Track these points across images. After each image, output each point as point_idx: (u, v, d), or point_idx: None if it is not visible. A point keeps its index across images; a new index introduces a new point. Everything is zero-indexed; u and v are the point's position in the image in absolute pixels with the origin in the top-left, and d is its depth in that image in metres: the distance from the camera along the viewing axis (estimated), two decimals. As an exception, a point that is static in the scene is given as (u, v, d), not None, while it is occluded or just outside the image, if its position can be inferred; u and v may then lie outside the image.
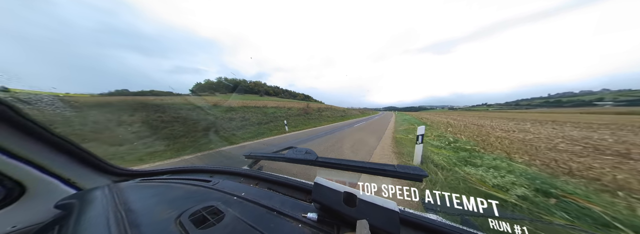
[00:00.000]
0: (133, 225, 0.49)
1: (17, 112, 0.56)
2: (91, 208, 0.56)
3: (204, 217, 0.54)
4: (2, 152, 0.56)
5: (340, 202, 0.49)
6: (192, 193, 0.69)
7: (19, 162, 0.59)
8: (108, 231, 0.46)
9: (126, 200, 0.61)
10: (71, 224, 0.50)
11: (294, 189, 0.75)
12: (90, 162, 0.76)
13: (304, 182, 0.77)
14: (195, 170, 0.96)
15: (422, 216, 0.55)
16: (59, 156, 0.67)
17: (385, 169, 0.59)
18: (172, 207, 0.57)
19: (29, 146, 0.60)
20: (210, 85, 60.00)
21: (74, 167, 0.71)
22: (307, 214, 0.55)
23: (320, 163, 0.71)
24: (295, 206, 0.62)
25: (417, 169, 0.58)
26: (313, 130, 9.51)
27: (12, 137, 0.57)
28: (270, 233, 0.49)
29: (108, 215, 0.52)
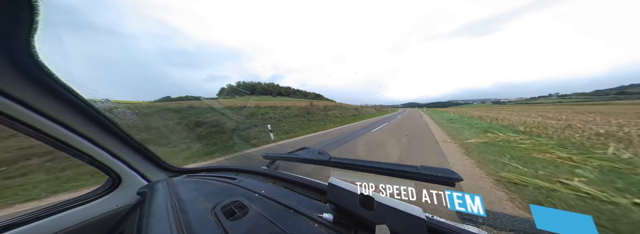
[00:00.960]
0: (183, 212, 0.63)
1: (112, 122, 0.76)
2: (156, 196, 0.75)
3: (232, 210, 0.62)
4: (108, 153, 0.78)
5: (356, 204, 0.48)
6: (222, 189, 0.81)
7: (117, 160, 0.82)
8: (167, 215, 0.61)
9: (177, 191, 0.79)
10: (146, 207, 0.69)
11: (308, 189, 0.76)
12: (154, 161, 0.99)
13: (318, 182, 0.79)
14: (224, 169, 1.12)
15: (457, 227, 0.48)
16: (137, 156, 0.91)
17: (406, 170, 0.53)
18: (208, 199, 0.70)
19: (121, 148, 0.83)
20: (231, 89, 65.15)
21: (145, 165, 0.95)
22: (323, 214, 0.55)
23: (333, 164, 0.69)
24: (310, 205, 0.64)
25: (447, 172, 0.50)
26: (311, 137, 6.86)
27: (113, 141, 0.80)
28: (288, 229, 0.51)
29: (167, 202, 0.69)
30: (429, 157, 3.64)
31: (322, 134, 7.65)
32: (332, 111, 17.44)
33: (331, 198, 0.54)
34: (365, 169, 0.61)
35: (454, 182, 0.47)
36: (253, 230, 0.54)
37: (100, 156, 0.76)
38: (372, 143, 5.10)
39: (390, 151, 4.10)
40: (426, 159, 3.54)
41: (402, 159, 3.57)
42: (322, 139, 6.23)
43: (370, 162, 0.61)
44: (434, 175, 0.49)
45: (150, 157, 0.96)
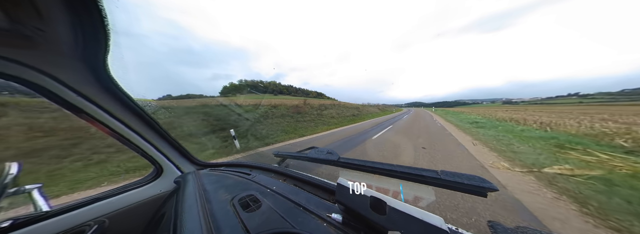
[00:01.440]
0: (208, 201, 0.73)
1: (155, 121, 0.91)
2: (188, 185, 0.88)
3: (247, 203, 0.67)
4: (153, 147, 0.96)
5: (366, 207, 0.46)
6: (239, 183, 0.90)
7: (160, 153, 0.99)
8: (196, 202, 0.71)
9: (203, 183, 0.91)
10: (180, 194, 0.82)
11: (317, 188, 0.77)
12: (185, 155, 1.15)
13: (326, 182, 0.79)
14: (240, 164, 1.22)
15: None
16: (173, 151, 1.08)
17: (424, 175, 0.48)
18: (227, 191, 0.79)
19: (162, 143, 1.01)
20: (234, 87, 65.36)
21: (179, 158, 1.11)
22: (332, 214, 0.54)
23: (342, 164, 0.68)
24: (319, 204, 0.64)
25: (476, 179, 0.43)
26: (293, 144, 5.51)
27: (156, 137, 0.97)
28: (298, 226, 0.52)
29: (195, 192, 0.80)
30: (511, 216, 1.58)
31: (308, 141, 5.95)
32: (328, 110, 15.39)
33: (340, 199, 0.53)
34: (376, 171, 0.58)
35: (486, 192, 0.41)
36: (266, 223, 0.57)
37: (149, 150, 0.94)
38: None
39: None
40: (505, 217, 1.54)
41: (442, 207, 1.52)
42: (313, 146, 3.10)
43: (381, 164, 0.58)
44: (459, 182, 0.44)
45: (182, 151, 1.13)
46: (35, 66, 0.56)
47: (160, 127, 0.96)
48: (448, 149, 4.38)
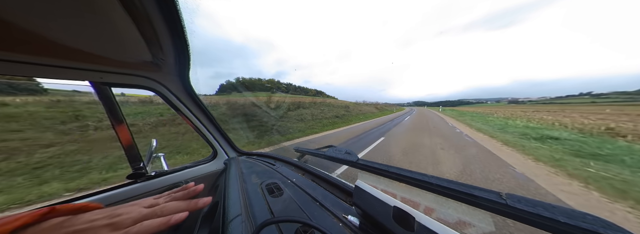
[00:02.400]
0: (244, 181, 0.90)
1: (211, 114, 1.21)
2: (232, 167, 1.14)
3: (272, 189, 0.76)
4: (211, 135, 1.27)
5: (388, 217, 0.43)
6: (266, 171, 1.06)
7: (215, 140, 1.32)
8: (237, 181, 0.90)
9: (241, 167, 1.14)
10: (227, 173, 1.07)
11: (334, 187, 0.78)
12: (230, 143, 1.46)
13: (344, 182, 0.80)
14: (267, 155, 1.41)
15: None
16: (222, 139, 1.39)
17: (477, 195, 0.36)
18: (257, 176, 0.95)
19: (216, 132, 1.32)
20: (230, 85, 64.26)
21: (226, 145, 1.42)
22: (348, 216, 0.54)
23: (361, 166, 0.65)
24: (335, 203, 0.65)
25: (591, 220, 0.26)
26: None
27: (213, 127, 1.28)
28: (314, 219, 0.52)
29: (236, 173, 1.03)
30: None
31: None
32: (303, 109, 11.56)
33: (358, 202, 0.52)
34: (402, 179, 0.51)
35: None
36: (286, 211, 0.62)
37: (209, 138, 1.28)
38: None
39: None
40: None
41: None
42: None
43: (410, 172, 0.51)
44: (551, 219, 0.27)
45: (228, 140, 1.42)
46: (159, 80, 0.93)
47: (215, 120, 1.27)
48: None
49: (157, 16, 0.49)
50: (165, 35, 0.58)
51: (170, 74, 0.91)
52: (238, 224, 0.55)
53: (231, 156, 1.39)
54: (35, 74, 0.62)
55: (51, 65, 0.63)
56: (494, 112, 23.87)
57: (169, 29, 0.55)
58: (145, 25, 0.51)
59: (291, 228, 0.52)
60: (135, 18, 0.47)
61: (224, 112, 9.21)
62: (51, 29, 0.46)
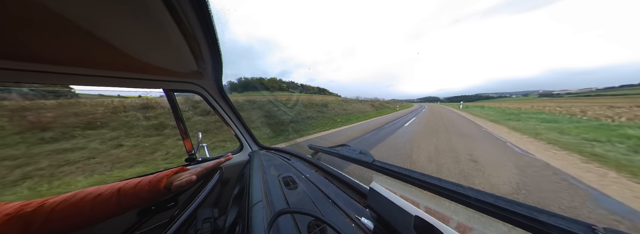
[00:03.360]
0: (265, 172, 1.01)
1: (238, 111, 1.42)
2: (255, 159, 1.30)
3: (288, 182, 0.82)
4: (239, 130, 1.48)
5: (409, 227, 0.39)
6: (282, 164, 1.17)
7: (241, 135, 1.52)
8: (259, 172, 1.01)
9: (261, 159, 1.28)
10: (251, 163, 1.23)
11: (346, 186, 0.78)
12: (253, 138, 1.64)
13: (357, 182, 0.78)
14: (283, 150, 1.51)
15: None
16: (247, 134, 1.59)
17: (554, 226, 0.28)
18: (275, 169, 1.06)
19: (242, 128, 1.52)
20: (232, 85, 66.23)
21: (249, 140, 1.62)
22: (362, 218, 0.52)
23: (377, 168, 0.62)
24: (348, 203, 0.64)
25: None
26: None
27: (239, 124, 1.48)
28: (326, 215, 0.52)
29: (258, 165, 1.15)
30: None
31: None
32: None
33: (373, 205, 0.50)
34: (427, 187, 0.45)
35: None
36: (300, 203, 0.64)
37: (237, 132, 1.50)
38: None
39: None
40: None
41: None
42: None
43: (439, 180, 0.45)
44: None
45: (251, 135, 1.61)
46: (202, 85, 1.15)
47: (241, 117, 1.46)
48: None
49: (201, 34, 0.62)
50: (205, 48, 0.72)
51: (209, 80, 1.12)
52: (260, 209, 0.61)
53: (253, 150, 1.58)
54: (136, 86, 0.90)
55: (141, 79, 0.89)
56: (534, 107, 20.07)
57: (208, 44, 0.69)
58: (193, 43, 0.66)
59: (304, 220, 0.55)
60: (187, 39, 0.62)
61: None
62: (139, 53, 0.67)
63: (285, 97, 16.90)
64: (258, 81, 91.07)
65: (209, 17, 0.54)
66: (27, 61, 0.60)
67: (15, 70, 0.60)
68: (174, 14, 0.48)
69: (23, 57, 0.58)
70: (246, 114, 9.26)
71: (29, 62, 0.60)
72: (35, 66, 0.62)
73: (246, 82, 59.87)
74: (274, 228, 0.51)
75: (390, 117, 13.80)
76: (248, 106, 9.84)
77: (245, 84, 48.21)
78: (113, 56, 0.65)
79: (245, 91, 21.71)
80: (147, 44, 0.62)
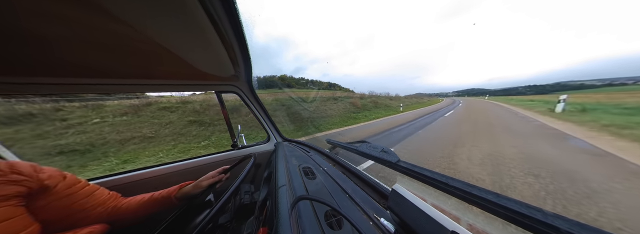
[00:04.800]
0: (287, 161, 1.14)
1: (264, 106, 1.63)
2: (279, 149, 1.46)
3: (307, 172, 0.88)
4: (265, 123, 1.70)
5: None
6: (302, 156, 1.29)
7: (268, 127, 1.74)
8: (283, 160, 1.13)
9: (285, 150, 1.44)
10: (276, 153, 1.39)
11: (364, 183, 0.77)
12: (277, 130, 1.83)
13: (376, 181, 0.77)
14: (302, 143, 1.64)
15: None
16: (273, 127, 1.79)
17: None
18: (296, 159, 1.17)
19: (269, 122, 1.73)
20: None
21: (275, 132, 1.82)
22: (381, 219, 0.51)
23: (402, 169, 0.55)
24: (366, 200, 0.63)
25: None
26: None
27: (266, 117, 1.69)
28: (343, 210, 0.48)
29: (283, 154, 1.30)
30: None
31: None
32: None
33: (395, 209, 0.47)
34: (470, 199, 0.37)
35: None
36: (318, 193, 0.67)
37: (265, 125, 1.71)
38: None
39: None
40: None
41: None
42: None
43: (486, 193, 0.36)
44: None
45: (276, 127, 1.81)
46: (238, 86, 1.36)
47: (268, 112, 1.66)
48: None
49: (235, 43, 0.74)
50: (239, 54, 0.85)
51: (242, 81, 1.32)
52: (284, 191, 0.68)
53: (278, 141, 1.78)
54: (197, 89, 1.24)
55: (201, 84, 1.21)
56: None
57: (240, 50, 0.81)
58: (231, 52, 0.80)
59: (322, 208, 0.57)
60: (226, 49, 0.75)
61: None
62: (200, 65, 0.89)
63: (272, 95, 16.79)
64: (269, 79, 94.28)
65: (240, 26, 0.63)
66: (123, 78, 0.91)
67: (116, 85, 0.94)
68: (217, 29, 0.58)
69: (122, 75, 0.89)
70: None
71: (124, 78, 0.92)
72: (131, 81, 0.96)
73: (259, 81, 64.00)
74: (296, 209, 0.57)
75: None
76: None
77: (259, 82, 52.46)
78: (183, 69, 0.89)
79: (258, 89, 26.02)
80: (203, 58, 0.81)
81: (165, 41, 0.58)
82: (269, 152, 1.67)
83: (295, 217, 0.53)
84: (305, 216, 0.55)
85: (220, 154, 1.50)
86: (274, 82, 63.97)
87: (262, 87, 35.09)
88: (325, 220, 0.54)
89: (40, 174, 0.56)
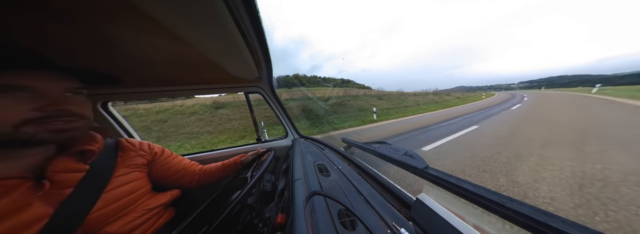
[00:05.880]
0: (303, 157, 1.20)
1: (283, 105, 1.75)
2: (296, 145, 1.55)
3: (321, 168, 0.89)
4: (284, 120, 1.82)
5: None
6: (317, 153, 1.33)
7: (286, 124, 1.87)
8: (300, 156, 1.20)
9: (301, 146, 1.51)
10: (294, 149, 1.48)
11: (382, 187, 0.72)
12: (294, 127, 1.95)
13: (398, 188, 0.71)
14: (317, 140, 1.69)
15: None
16: (291, 124, 1.90)
17: None
18: (312, 156, 1.22)
19: (287, 120, 1.86)
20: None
21: (292, 129, 1.93)
22: (401, 229, 0.46)
23: (431, 177, 0.49)
24: (383, 206, 0.60)
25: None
26: None
27: (284, 115, 1.82)
28: (357, 211, 0.46)
29: (299, 150, 1.38)
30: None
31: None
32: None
33: (418, 220, 0.44)
34: (524, 223, 0.30)
35: None
36: (332, 191, 0.67)
37: (283, 122, 1.85)
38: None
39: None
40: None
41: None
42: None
43: (552, 219, 0.28)
44: None
45: (293, 125, 1.92)
46: (261, 87, 1.50)
47: (286, 110, 1.77)
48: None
49: (258, 47, 0.81)
50: (261, 58, 0.94)
51: (265, 82, 1.45)
52: (300, 184, 0.71)
53: (295, 137, 1.89)
54: (232, 91, 1.51)
55: (235, 87, 1.44)
56: None
57: (263, 54, 0.90)
58: (255, 56, 0.89)
59: (336, 206, 0.57)
60: (252, 54, 0.84)
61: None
62: (233, 70, 1.02)
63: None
64: (283, 79, 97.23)
65: (263, 32, 0.69)
66: (182, 85, 1.24)
67: (179, 90, 1.27)
68: (244, 37, 0.65)
69: (182, 82, 1.20)
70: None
71: (183, 85, 1.25)
72: (188, 87, 1.29)
73: (278, 81, 69.60)
74: (310, 202, 0.57)
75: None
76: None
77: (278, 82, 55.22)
78: (220, 75, 1.09)
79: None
80: (234, 64, 0.94)
81: (208, 53, 0.70)
82: (286, 147, 1.78)
83: (309, 209, 0.55)
84: (319, 210, 0.57)
85: (247, 146, 1.73)
86: (288, 82, 65.53)
87: (279, 87, 41.34)
88: (339, 219, 0.53)
89: (152, 150, 0.85)
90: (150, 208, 0.69)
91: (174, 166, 0.92)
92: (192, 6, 0.37)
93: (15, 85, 0.43)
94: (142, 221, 0.65)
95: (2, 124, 0.41)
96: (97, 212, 0.55)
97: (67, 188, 0.52)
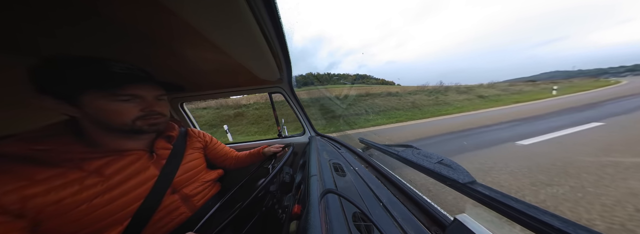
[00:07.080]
0: (319, 154, 1.21)
1: (301, 103, 1.82)
2: (312, 143, 1.59)
3: (336, 168, 0.87)
4: (301, 118, 1.90)
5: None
6: (333, 151, 1.31)
7: (303, 122, 1.95)
8: (316, 154, 1.22)
9: (317, 144, 1.53)
10: (310, 145, 1.52)
11: (406, 197, 0.64)
12: (311, 125, 2.00)
13: (427, 200, 0.60)
14: (333, 139, 1.69)
15: None
16: (308, 122, 1.97)
17: None
18: (327, 154, 1.23)
19: (304, 118, 1.93)
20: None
21: (309, 126, 1.99)
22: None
23: (476, 195, 0.42)
24: (406, 217, 0.53)
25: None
26: None
27: (302, 113, 1.90)
28: (375, 218, 0.43)
29: (315, 148, 1.40)
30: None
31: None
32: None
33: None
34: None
35: None
36: (347, 191, 0.64)
37: (301, 120, 1.93)
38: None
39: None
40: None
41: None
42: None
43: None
44: None
45: (310, 123, 1.98)
46: (282, 87, 1.63)
47: (304, 108, 1.84)
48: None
49: (279, 50, 0.87)
50: (282, 60, 1.00)
51: (285, 82, 1.56)
52: (315, 180, 0.71)
53: (312, 135, 1.95)
54: (259, 92, 1.68)
55: (262, 88, 1.60)
56: None
57: (283, 56, 0.95)
58: (277, 59, 0.96)
59: (351, 208, 0.53)
60: (274, 57, 0.91)
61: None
62: (258, 73, 1.15)
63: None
64: (302, 79, 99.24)
65: (283, 35, 0.73)
66: (222, 87, 1.55)
67: (221, 92, 1.58)
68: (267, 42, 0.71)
69: (222, 85, 1.49)
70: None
71: (223, 88, 1.55)
72: (226, 89, 1.58)
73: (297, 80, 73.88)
74: (325, 200, 0.56)
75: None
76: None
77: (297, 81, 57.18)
78: (249, 77, 1.26)
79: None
80: (260, 67, 1.04)
81: (240, 59, 0.83)
82: (304, 143, 1.85)
83: (323, 205, 0.54)
84: (333, 209, 0.55)
85: (269, 141, 1.89)
86: (304, 82, 66.67)
87: (297, 86, 44.56)
88: (354, 221, 0.49)
89: (205, 137, 1.10)
90: (206, 181, 0.93)
91: (220, 151, 1.17)
92: (226, 15, 0.48)
93: (135, 94, 0.64)
94: (201, 189, 0.89)
95: (127, 120, 0.63)
96: (178, 177, 0.79)
97: (163, 159, 0.78)
